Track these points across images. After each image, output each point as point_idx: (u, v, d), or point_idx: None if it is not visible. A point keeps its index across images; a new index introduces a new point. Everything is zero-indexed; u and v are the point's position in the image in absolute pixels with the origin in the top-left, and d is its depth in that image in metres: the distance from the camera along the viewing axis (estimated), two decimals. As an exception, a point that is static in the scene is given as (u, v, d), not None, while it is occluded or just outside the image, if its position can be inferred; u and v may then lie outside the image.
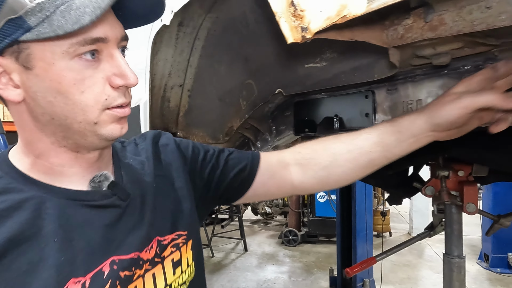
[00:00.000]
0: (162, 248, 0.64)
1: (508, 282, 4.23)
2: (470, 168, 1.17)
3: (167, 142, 0.76)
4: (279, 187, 0.83)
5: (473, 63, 0.71)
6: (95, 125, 0.54)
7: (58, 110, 0.52)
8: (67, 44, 0.49)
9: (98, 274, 0.53)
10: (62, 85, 0.50)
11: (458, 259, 1.27)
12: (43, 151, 0.55)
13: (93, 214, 0.56)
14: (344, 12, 0.49)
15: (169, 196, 0.70)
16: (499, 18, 0.46)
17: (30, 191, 0.53)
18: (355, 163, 0.76)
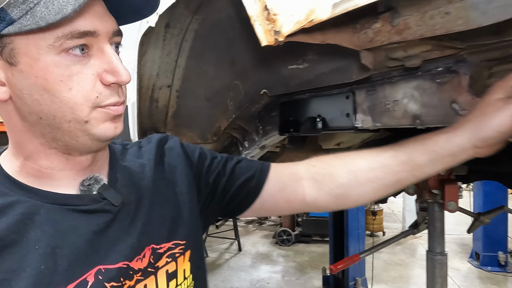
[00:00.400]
0: (156, 257, 0.60)
1: (498, 280, 4.28)
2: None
3: (173, 145, 0.73)
4: (288, 201, 0.77)
5: (444, 65, 0.74)
6: (86, 123, 0.50)
7: (45, 108, 0.49)
8: (52, 38, 0.46)
9: (81, 284, 0.50)
10: (48, 81, 0.47)
11: (440, 256, 1.30)
12: (32, 153, 0.53)
13: (80, 220, 0.53)
14: (312, 16, 0.51)
15: (168, 201, 0.66)
16: (456, 23, 0.48)
17: (16, 196, 0.51)
18: (379, 183, 0.69)
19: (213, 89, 1.41)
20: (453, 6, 0.49)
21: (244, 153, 1.48)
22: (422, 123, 0.79)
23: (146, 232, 0.60)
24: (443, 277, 1.31)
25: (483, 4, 0.46)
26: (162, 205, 0.64)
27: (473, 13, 0.47)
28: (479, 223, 1.26)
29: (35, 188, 0.52)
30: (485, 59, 0.69)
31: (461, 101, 0.72)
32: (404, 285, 4.22)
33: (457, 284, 4.19)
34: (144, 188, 0.63)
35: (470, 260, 4.90)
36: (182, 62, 1.38)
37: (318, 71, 0.96)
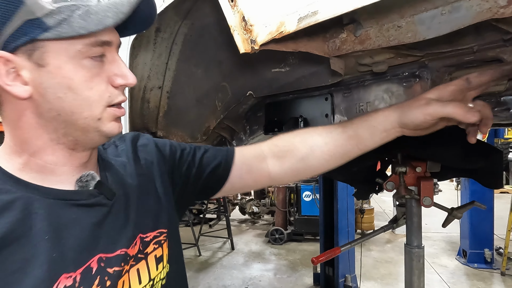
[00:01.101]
0: (144, 245, 0.67)
1: (484, 277, 4.39)
2: (426, 165, 1.28)
3: (146, 143, 0.79)
4: (256, 180, 0.87)
5: (409, 70, 0.81)
6: (98, 121, 0.58)
7: (66, 105, 0.56)
8: (81, 45, 0.54)
9: (87, 270, 0.56)
10: (74, 81, 0.55)
11: (417, 249, 1.37)
12: (40, 149, 0.58)
13: (80, 213, 0.58)
14: (282, 28, 0.58)
15: (151, 195, 0.73)
16: (407, 35, 0.55)
17: (18, 192, 0.54)
18: (331, 155, 0.80)
19: (202, 90, 1.47)
20: (405, 20, 0.55)
21: (232, 151, 1.55)
22: (391, 123, 0.86)
23: (136, 223, 0.67)
24: (419, 269, 1.38)
25: (428, 20, 0.53)
26: (145, 199, 0.72)
27: (420, 28, 0.54)
28: (452, 217, 1.34)
29: (36, 184, 0.57)
30: (444, 65, 0.76)
31: (423, 103, 0.79)
32: (393, 282, 4.31)
33: (445, 281, 4.29)
34: (129, 184, 0.70)
35: (457, 258, 5.01)
36: (173, 65, 1.44)
37: (298, 74, 1.02)
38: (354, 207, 4.38)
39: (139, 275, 0.65)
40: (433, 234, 6.10)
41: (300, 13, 0.55)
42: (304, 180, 6.12)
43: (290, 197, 6.07)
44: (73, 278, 0.54)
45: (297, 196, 5.92)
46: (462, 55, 0.71)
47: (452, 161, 1.15)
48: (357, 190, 1.51)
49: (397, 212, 1.49)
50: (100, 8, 0.53)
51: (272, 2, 0.62)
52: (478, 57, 0.69)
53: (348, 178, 1.49)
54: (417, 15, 0.54)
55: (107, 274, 0.58)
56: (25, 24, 0.51)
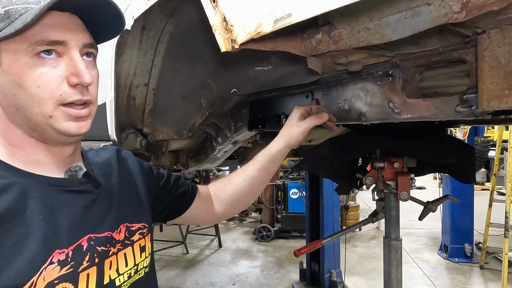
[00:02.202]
0: (130, 233, 0.74)
1: (464, 271, 4.54)
2: (403, 160, 1.33)
3: (127, 156, 0.89)
4: (207, 212, 1.04)
5: (383, 69, 0.86)
6: (50, 118, 0.60)
7: (20, 102, 0.59)
8: (27, 44, 0.58)
9: (78, 247, 0.62)
10: (21, 79, 0.58)
11: (395, 241, 1.43)
12: (17, 141, 0.63)
13: (71, 198, 0.65)
14: (259, 29, 0.61)
15: (132, 192, 0.82)
16: (375, 37, 0.59)
17: (13, 177, 0.60)
18: (250, 187, 1.04)
19: (188, 88, 1.50)
20: (373, 23, 0.60)
21: (218, 148, 1.58)
22: (366, 120, 0.91)
23: (120, 212, 0.74)
24: (397, 260, 1.44)
25: (393, 23, 0.57)
26: (128, 194, 0.80)
27: (387, 30, 0.58)
28: (428, 210, 1.40)
29: (28, 172, 0.62)
30: (414, 65, 0.81)
31: (395, 101, 0.84)
32: (377, 277, 4.41)
33: (427, 275, 4.42)
34: (113, 179, 0.77)
35: (439, 253, 5.16)
36: (158, 62, 1.47)
37: (280, 72, 1.06)
38: (339, 204, 4.46)
39: (125, 259, 0.72)
40: (416, 230, 6.26)
41: (276, 15, 0.59)
42: (291, 177, 6.19)
43: (277, 195, 6.13)
44: (65, 253, 0.60)
45: (284, 194, 5.98)
46: (429, 56, 0.76)
47: (426, 157, 1.21)
48: (339, 186, 1.56)
49: (377, 206, 1.54)
50: (34, 8, 0.56)
51: (251, 4, 0.66)
52: (444, 58, 0.74)
53: (330, 173, 1.54)
54: (384, 19, 0.58)
55: (96, 252, 0.65)
56: None
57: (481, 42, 0.58)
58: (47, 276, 0.56)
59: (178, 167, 1.86)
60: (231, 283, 4.36)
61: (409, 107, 0.81)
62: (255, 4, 0.64)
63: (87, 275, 0.62)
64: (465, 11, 0.48)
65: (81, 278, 0.61)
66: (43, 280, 0.56)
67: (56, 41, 0.59)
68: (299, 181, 5.87)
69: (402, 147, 1.17)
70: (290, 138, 1.00)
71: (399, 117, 0.84)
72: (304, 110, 1.00)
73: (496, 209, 4.48)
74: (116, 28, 0.70)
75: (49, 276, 0.57)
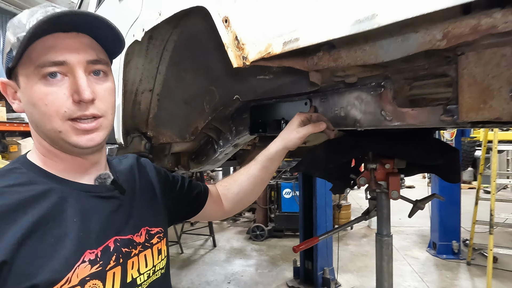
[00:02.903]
0: (150, 237, 0.81)
1: (452, 267, 4.69)
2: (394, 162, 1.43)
3: (146, 163, 0.97)
4: (217, 210, 1.14)
5: (376, 81, 0.95)
6: (60, 133, 0.66)
7: (35, 119, 0.67)
8: (32, 67, 0.63)
9: (106, 248, 0.69)
10: (33, 98, 0.65)
11: (386, 237, 1.53)
12: (46, 152, 0.70)
13: (100, 203, 0.72)
14: (269, 49, 0.70)
15: (151, 199, 0.89)
16: (370, 57, 0.68)
17: (50, 184, 0.67)
18: (253, 185, 1.14)
19: (191, 94, 1.57)
20: (368, 45, 0.69)
21: (219, 150, 1.65)
22: (361, 126, 1.00)
23: (141, 217, 0.81)
24: (388, 255, 1.54)
25: (386, 46, 0.66)
26: (148, 200, 0.87)
27: (380, 51, 0.67)
28: (416, 208, 1.50)
29: (63, 178, 0.70)
30: (404, 78, 0.90)
31: (387, 109, 0.93)
32: (368, 274, 4.53)
33: (416, 272, 4.56)
34: (135, 186, 0.85)
35: (428, 250, 5.31)
36: (163, 69, 1.54)
37: (280, 82, 1.15)
38: (332, 203, 4.57)
39: (146, 260, 0.79)
40: (406, 228, 6.41)
41: (284, 38, 0.67)
42: (284, 177, 6.29)
43: (271, 195, 6.21)
44: (95, 253, 0.67)
45: (278, 194, 6.07)
46: (417, 70, 0.85)
47: (415, 158, 1.31)
48: (333, 185, 1.65)
49: (369, 204, 1.64)
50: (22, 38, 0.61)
51: (261, 26, 0.74)
52: (429, 72, 0.84)
53: (325, 174, 1.63)
54: (378, 41, 0.67)
55: (121, 253, 0.72)
56: (6, 57, 0.65)
57: (460, 62, 0.67)
58: (79, 273, 0.63)
59: (179, 169, 1.94)
60: (226, 282, 4.43)
61: (399, 115, 0.90)
62: (264, 26, 0.72)
63: (113, 273, 0.69)
64: (446, 40, 0.57)
65: (108, 276, 0.68)
66: (76, 276, 0.63)
67: (57, 61, 0.64)
68: (292, 181, 5.97)
69: (393, 150, 1.26)
70: (288, 141, 1.08)
71: (390, 124, 0.93)
72: (305, 117, 1.09)
73: (482, 207, 4.64)
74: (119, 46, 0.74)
75: (81, 273, 0.64)
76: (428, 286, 4.15)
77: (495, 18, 0.50)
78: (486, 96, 0.64)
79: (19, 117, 6.00)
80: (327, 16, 0.60)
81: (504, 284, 4.02)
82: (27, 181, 0.66)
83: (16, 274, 0.57)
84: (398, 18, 0.50)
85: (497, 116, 0.62)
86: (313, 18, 0.62)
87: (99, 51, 0.70)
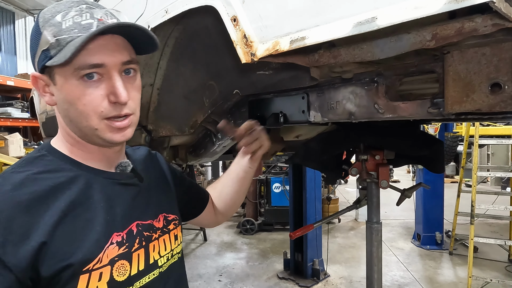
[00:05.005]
0: (167, 223, 0.87)
1: (435, 257, 4.89)
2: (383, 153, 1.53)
3: (158, 156, 1.02)
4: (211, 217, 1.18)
5: (370, 76, 1.03)
6: (96, 130, 0.71)
7: (71, 115, 0.71)
8: (71, 69, 0.67)
9: (130, 231, 0.74)
10: (71, 97, 0.68)
11: (376, 224, 1.63)
12: (74, 142, 0.75)
13: (122, 189, 0.77)
14: (277, 47, 0.77)
15: (166, 188, 0.95)
16: (367, 55, 0.76)
17: (76, 171, 0.72)
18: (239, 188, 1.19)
19: (191, 88, 1.63)
20: (365, 44, 0.76)
21: (218, 143, 1.72)
22: (356, 118, 1.08)
23: (159, 204, 0.87)
24: (378, 241, 1.64)
25: (381, 45, 0.74)
26: (163, 189, 0.93)
27: (376, 50, 0.75)
28: (404, 196, 1.61)
29: (88, 166, 0.75)
30: (395, 74, 0.98)
31: (380, 103, 1.02)
32: (355, 264, 4.68)
33: (401, 262, 4.73)
34: (150, 175, 0.90)
35: (412, 241, 5.51)
36: (164, 64, 1.59)
37: (280, 77, 1.22)
38: (321, 196, 4.69)
39: (165, 244, 0.85)
40: (391, 221, 6.61)
41: (291, 37, 0.74)
42: (274, 172, 6.39)
43: (261, 189, 6.30)
44: (121, 236, 0.72)
45: (267, 188, 6.17)
46: (407, 67, 0.94)
47: (403, 150, 1.40)
48: (327, 176, 1.74)
49: (360, 194, 1.74)
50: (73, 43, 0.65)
51: (268, 25, 0.81)
52: (419, 69, 0.92)
53: (319, 165, 1.72)
54: (374, 41, 0.75)
55: (143, 236, 0.78)
56: (42, 53, 0.68)
57: (446, 60, 0.76)
58: (109, 254, 0.69)
59: (177, 162, 1.99)
60: (218, 275, 4.51)
61: (391, 108, 0.98)
62: (272, 26, 0.79)
63: (137, 255, 0.75)
64: (434, 40, 0.65)
65: (134, 257, 0.74)
66: (106, 257, 0.69)
67: (95, 64, 0.67)
68: (282, 176, 6.07)
69: (383, 141, 1.36)
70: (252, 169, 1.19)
71: (383, 116, 1.01)
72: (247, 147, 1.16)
73: (464, 200, 4.84)
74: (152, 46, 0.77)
75: (110, 254, 0.69)
76: (413, 275, 4.32)
77: (476, 23, 0.59)
78: (468, 90, 0.73)
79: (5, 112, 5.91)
80: (331, 17, 0.68)
81: (484, 272, 4.22)
82: (55, 168, 0.71)
83: (54, 254, 0.62)
84: (395, 21, 0.58)
85: (478, 108, 0.71)
86: (318, 19, 0.70)
87: (131, 50, 0.74)
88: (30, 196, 0.64)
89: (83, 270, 0.65)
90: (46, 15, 0.69)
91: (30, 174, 0.67)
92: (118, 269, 0.70)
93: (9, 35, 8.31)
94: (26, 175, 0.67)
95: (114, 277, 0.69)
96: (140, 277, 0.75)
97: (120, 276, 0.70)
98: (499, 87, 0.68)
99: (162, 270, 0.82)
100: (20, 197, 0.63)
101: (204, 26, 1.39)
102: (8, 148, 4.96)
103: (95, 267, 0.66)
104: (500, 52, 0.67)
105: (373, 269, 1.61)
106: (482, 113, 0.74)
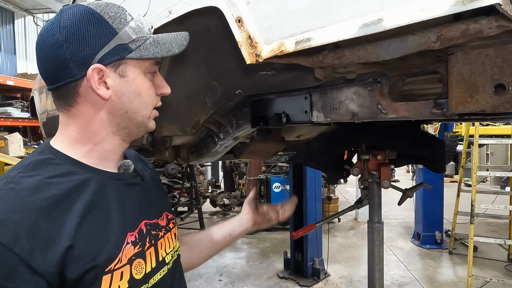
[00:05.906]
0: (168, 221, 0.90)
1: (434, 256, 4.90)
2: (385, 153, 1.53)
3: (146, 159, 1.04)
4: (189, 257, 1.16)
5: (373, 77, 1.03)
6: (148, 119, 0.80)
7: (134, 106, 0.76)
8: (148, 64, 0.77)
9: (141, 231, 0.77)
10: (142, 89, 0.76)
11: (378, 224, 1.64)
12: (103, 139, 0.76)
13: (128, 190, 0.79)
14: (282, 48, 0.77)
15: (161, 188, 0.99)
16: (371, 56, 0.76)
17: (87, 173, 0.72)
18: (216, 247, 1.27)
19: (193, 88, 1.63)
20: (370, 45, 0.77)
21: (220, 143, 1.72)
22: (359, 119, 1.09)
23: (160, 203, 0.90)
24: (379, 241, 1.65)
25: (386, 46, 0.74)
26: (159, 189, 0.96)
27: (380, 51, 0.75)
28: (406, 196, 1.61)
29: (96, 168, 0.75)
30: (398, 75, 0.99)
31: (383, 103, 1.02)
32: (355, 264, 4.69)
33: (401, 261, 4.74)
34: (147, 175, 0.92)
35: (412, 240, 5.52)
36: (166, 64, 1.59)
37: (283, 77, 1.22)
38: (321, 196, 4.69)
39: (169, 242, 0.87)
40: (391, 221, 6.63)
41: (296, 38, 0.75)
42: (274, 172, 6.39)
43: (260, 189, 6.30)
44: (134, 236, 0.74)
45: (267, 188, 6.17)
46: (410, 68, 0.94)
47: (405, 150, 1.41)
48: (328, 176, 1.75)
49: (362, 194, 1.74)
50: (167, 40, 0.77)
51: (273, 26, 0.81)
52: (422, 70, 0.93)
53: (321, 165, 1.73)
54: (379, 42, 0.75)
55: (152, 235, 0.79)
56: (117, 47, 0.71)
57: (450, 61, 0.76)
58: (127, 253, 0.71)
59: (179, 162, 1.99)
60: (218, 274, 4.52)
61: (394, 109, 0.99)
62: (277, 27, 0.80)
63: (149, 253, 0.77)
64: (439, 41, 0.66)
65: (147, 256, 0.76)
66: (125, 256, 0.70)
67: (158, 62, 0.81)
68: (282, 175, 6.08)
69: (385, 141, 1.36)
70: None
71: (386, 116, 1.02)
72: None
73: (463, 199, 4.85)
74: None
75: (128, 253, 0.71)
76: (413, 274, 4.34)
77: (481, 24, 0.59)
78: (472, 91, 0.73)
79: (5, 111, 5.90)
80: (337, 18, 0.68)
81: (483, 271, 4.24)
82: (65, 171, 0.70)
83: (78, 257, 0.63)
84: (402, 23, 0.58)
85: (482, 109, 0.71)
86: (324, 20, 0.70)
87: None
88: (50, 201, 0.64)
89: (105, 270, 0.66)
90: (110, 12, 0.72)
91: (42, 178, 0.66)
92: (136, 267, 0.72)
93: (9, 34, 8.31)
94: (39, 180, 0.66)
95: (133, 275, 0.71)
96: (153, 274, 0.77)
97: (138, 274, 0.73)
98: (503, 88, 0.68)
99: (169, 266, 0.84)
100: (40, 202, 0.63)
101: (207, 26, 1.40)
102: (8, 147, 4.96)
103: (116, 267, 0.68)
104: (504, 53, 0.68)
105: (375, 269, 1.62)
106: (486, 113, 0.74)
